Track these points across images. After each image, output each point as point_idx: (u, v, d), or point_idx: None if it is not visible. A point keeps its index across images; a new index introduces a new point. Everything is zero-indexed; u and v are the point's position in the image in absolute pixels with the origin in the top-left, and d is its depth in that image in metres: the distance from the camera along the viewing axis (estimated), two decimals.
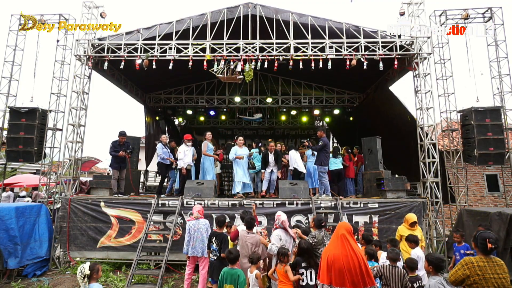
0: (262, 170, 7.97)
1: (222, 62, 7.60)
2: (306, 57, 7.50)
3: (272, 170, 7.88)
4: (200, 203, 6.79)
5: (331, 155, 8.20)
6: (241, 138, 8.04)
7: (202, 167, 8.00)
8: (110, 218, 6.88)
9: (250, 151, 8.07)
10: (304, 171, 8.04)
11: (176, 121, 14.55)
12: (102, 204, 6.94)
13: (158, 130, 13.01)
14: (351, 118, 12.64)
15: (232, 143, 8.91)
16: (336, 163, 8.26)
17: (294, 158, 7.98)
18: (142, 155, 11.96)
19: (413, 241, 4.64)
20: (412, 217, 5.22)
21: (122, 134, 7.77)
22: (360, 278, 2.89)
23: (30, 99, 7.83)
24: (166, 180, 8.40)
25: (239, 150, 7.82)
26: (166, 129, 13.80)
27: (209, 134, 8.26)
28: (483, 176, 12.39)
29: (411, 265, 3.76)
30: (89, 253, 6.80)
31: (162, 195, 7.43)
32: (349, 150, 9.42)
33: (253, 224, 4.77)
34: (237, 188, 7.55)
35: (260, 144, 9.01)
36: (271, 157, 7.86)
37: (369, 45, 7.49)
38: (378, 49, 7.45)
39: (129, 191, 7.95)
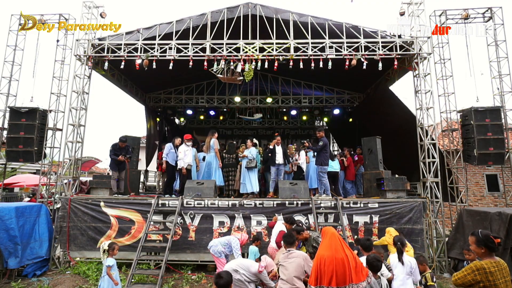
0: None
1: (222, 62, 7.60)
2: (306, 57, 7.49)
3: (279, 167, 7.81)
4: (199, 203, 6.80)
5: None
6: (248, 140, 8.27)
7: (209, 166, 7.98)
8: (110, 218, 6.88)
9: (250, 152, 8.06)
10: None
11: (177, 121, 14.56)
12: (102, 204, 6.93)
13: (159, 130, 13.02)
14: (351, 118, 12.64)
15: (234, 142, 9.12)
16: (332, 166, 8.11)
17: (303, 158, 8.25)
18: (142, 155, 11.95)
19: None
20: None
21: (122, 140, 7.75)
22: (348, 273, 2.92)
23: (30, 99, 7.83)
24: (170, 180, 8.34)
25: (245, 151, 7.98)
26: (167, 129, 13.81)
27: (216, 134, 8.24)
28: (483, 176, 12.40)
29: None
30: (89, 253, 6.80)
31: (167, 195, 7.46)
32: (352, 152, 9.40)
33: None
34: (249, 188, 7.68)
35: (256, 144, 9.01)
36: (278, 149, 7.77)
37: (369, 45, 7.49)
38: (378, 49, 7.45)
39: (128, 192, 7.95)
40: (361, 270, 3.02)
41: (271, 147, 8.03)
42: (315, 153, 7.76)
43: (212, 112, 13.10)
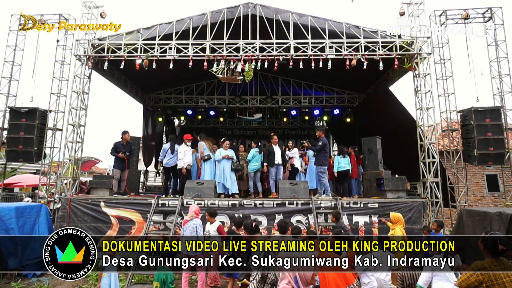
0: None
1: (222, 62, 7.60)
2: (306, 57, 7.50)
3: (278, 167, 7.75)
4: (199, 203, 6.80)
5: (340, 155, 8.20)
6: (227, 142, 7.88)
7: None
8: (110, 218, 6.87)
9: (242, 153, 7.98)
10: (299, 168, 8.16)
11: (176, 121, 14.54)
12: (102, 204, 6.93)
13: (159, 130, 13.02)
14: (351, 118, 12.62)
15: (234, 144, 8.98)
16: (343, 164, 8.00)
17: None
18: (142, 155, 11.95)
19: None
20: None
21: (124, 132, 7.70)
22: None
23: (30, 99, 7.83)
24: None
25: (223, 152, 7.63)
26: (165, 129, 13.80)
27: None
28: (483, 176, 12.40)
29: None
30: None
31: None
32: (356, 149, 9.35)
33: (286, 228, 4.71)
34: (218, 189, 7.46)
35: (260, 144, 8.95)
36: (277, 149, 7.70)
37: (369, 45, 7.49)
38: (378, 49, 7.45)
39: (127, 192, 7.93)
40: None
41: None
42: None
43: (212, 112, 13.09)
